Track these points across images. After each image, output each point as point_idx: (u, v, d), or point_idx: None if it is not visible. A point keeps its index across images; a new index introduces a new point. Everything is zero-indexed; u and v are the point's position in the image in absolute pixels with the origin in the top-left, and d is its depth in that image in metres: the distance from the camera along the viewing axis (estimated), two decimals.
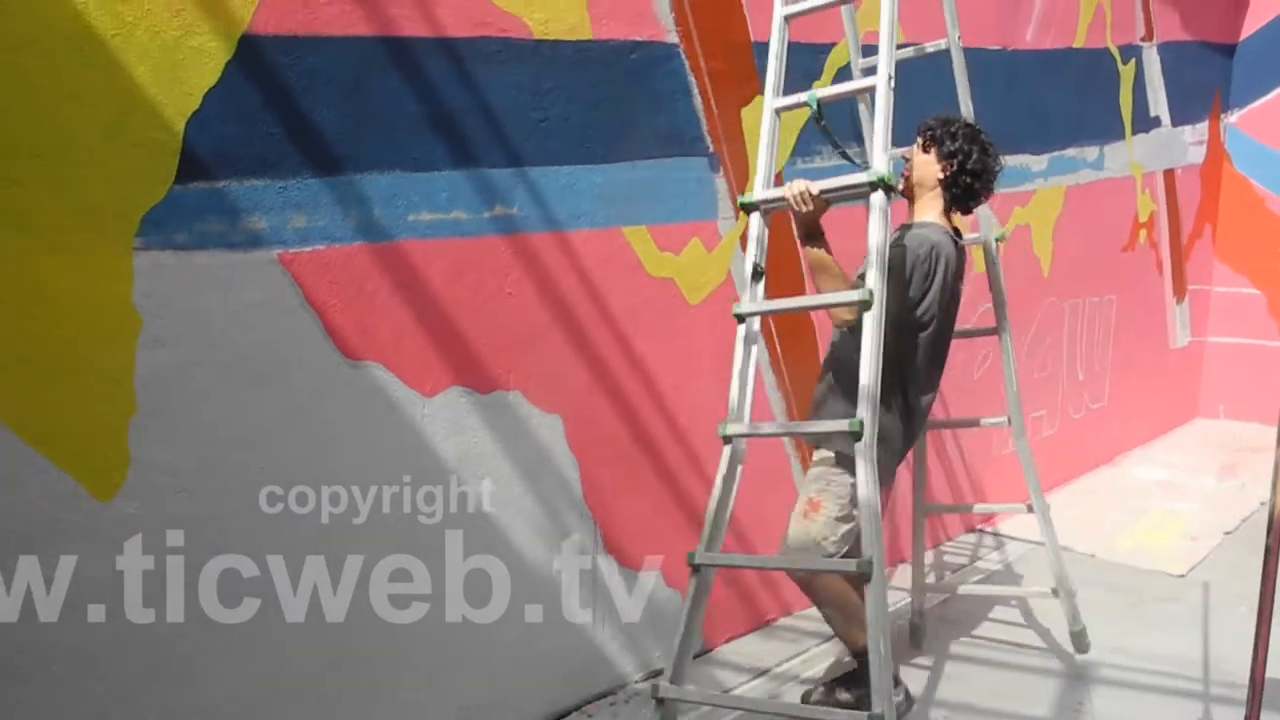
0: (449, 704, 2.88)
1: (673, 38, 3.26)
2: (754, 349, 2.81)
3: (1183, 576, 4.58)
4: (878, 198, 2.64)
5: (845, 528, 3.02)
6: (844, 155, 3.27)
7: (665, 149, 3.29)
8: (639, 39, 3.10)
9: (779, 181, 3.26)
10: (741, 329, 2.82)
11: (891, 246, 2.86)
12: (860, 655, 3.06)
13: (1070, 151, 5.75)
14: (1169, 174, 7.08)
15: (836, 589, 3.04)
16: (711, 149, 3.44)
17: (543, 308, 2.97)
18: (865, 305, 2.60)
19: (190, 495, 2.35)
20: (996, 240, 3.68)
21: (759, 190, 2.88)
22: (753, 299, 2.85)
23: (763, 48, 3.58)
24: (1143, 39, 6.47)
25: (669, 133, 3.30)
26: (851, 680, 3.18)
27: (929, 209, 3.15)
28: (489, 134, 2.77)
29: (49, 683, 2.20)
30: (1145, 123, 6.63)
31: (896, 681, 3.16)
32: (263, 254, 2.40)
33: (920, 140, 3.22)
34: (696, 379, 3.46)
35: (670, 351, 3.38)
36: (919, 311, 2.98)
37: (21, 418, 2.13)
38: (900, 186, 3.20)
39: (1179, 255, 7.36)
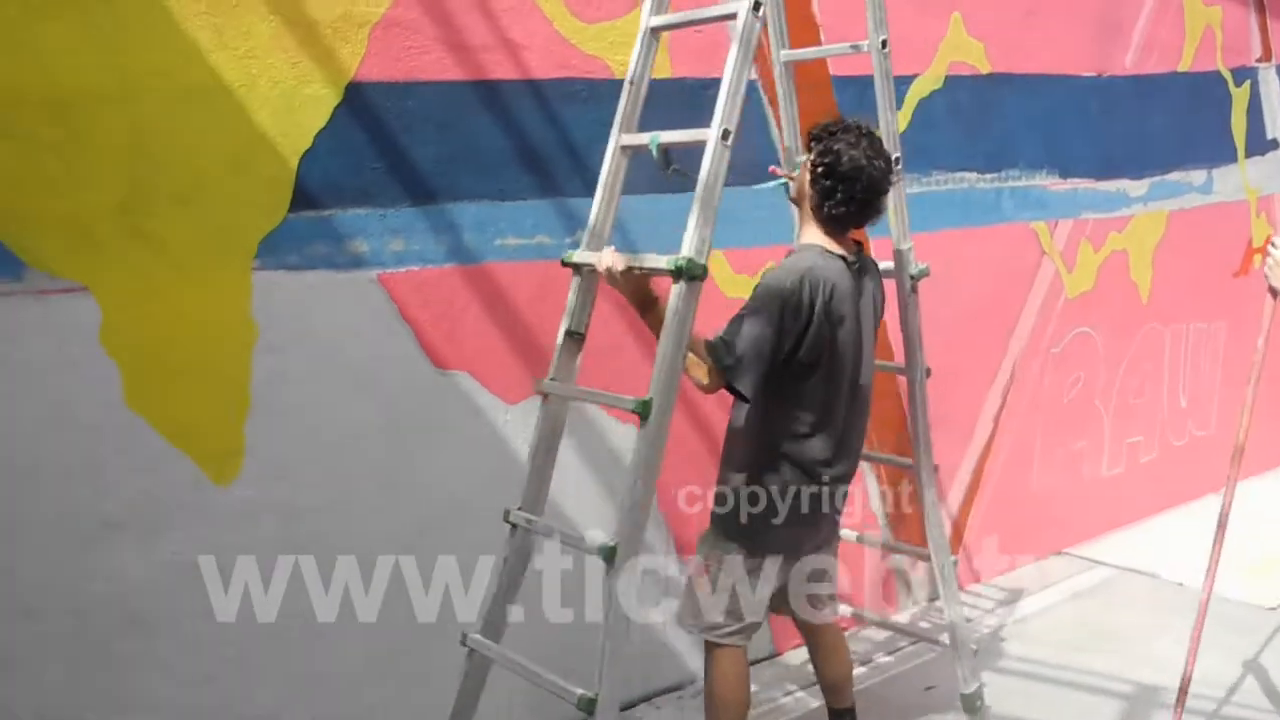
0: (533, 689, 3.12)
1: (751, 73, 3.47)
2: (558, 432, 2.53)
3: (1273, 610, 4.52)
4: (677, 290, 2.25)
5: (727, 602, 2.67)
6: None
7: (743, 177, 3.48)
8: (716, 76, 3.31)
9: None
10: (541, 409, 2.53)
11: (760, 279, 2.57)
12: None
13: (1174, 176, 5.71)
14: None
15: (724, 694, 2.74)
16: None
17: (619, 323, 3.20)
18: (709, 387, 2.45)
19: (295, 485, 2.67)
20: (914, 277, 3.07)
21: (585, 245, 2.54)
22: (561, 371, 2.51)
23: (842, 81, 3.77)
24: (1259, 60, 6.36)
25: (746, 162, 3.49)
26: None
27: (808, 228, 2.70)
28: (571, 166, 3.03)
29: (178, 638, 2.54)
30: (1261, 145, 6.50)
31: None
32: (364, 274, 2.71)
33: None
34: None
35: None
36: (800, 353, 2.52)
37: (159, 414, 2.48)
38: (791, 194, 2.85)
39: None
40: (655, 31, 2.56)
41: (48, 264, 2.31)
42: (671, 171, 2.48)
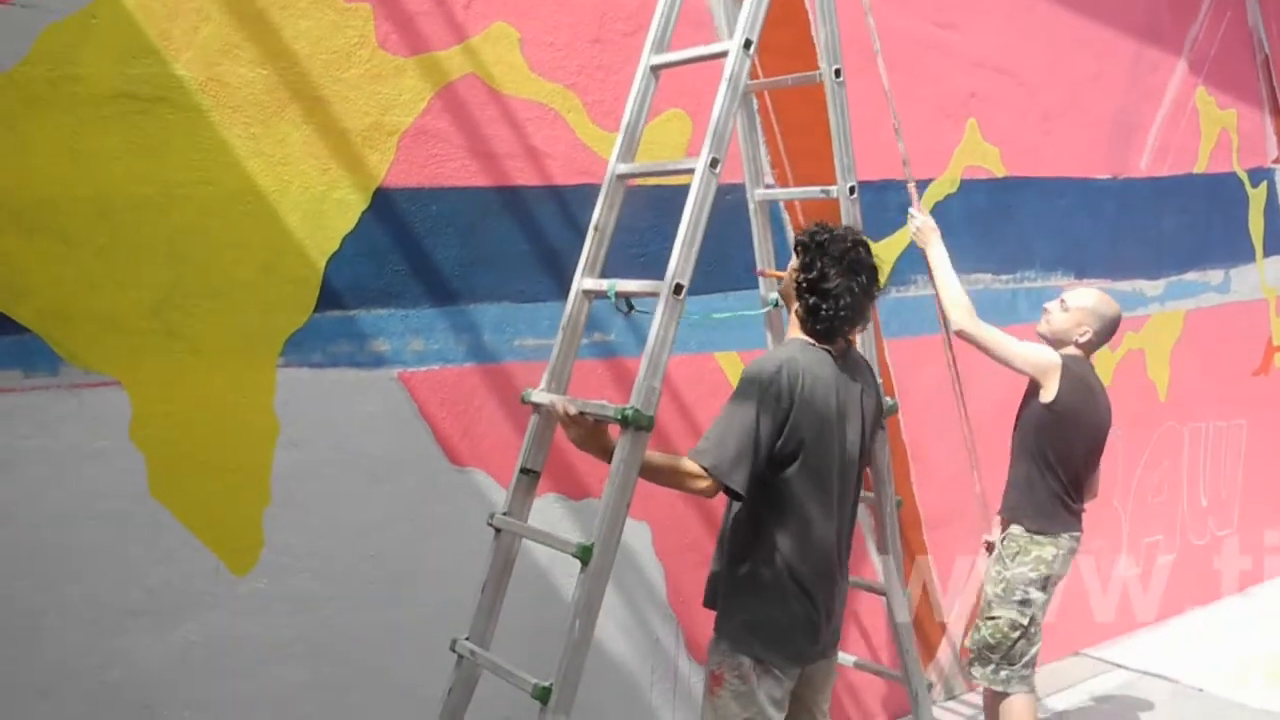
0: None
1: (769, 179, 3.57)
2: (509, 566, 2.51)
3: None
4: (624, 439, 2.25)
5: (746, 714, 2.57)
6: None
7: (757, 280, 3.57)
8: (735, 182, 3.42)
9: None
10: (493, 542, 2.50)
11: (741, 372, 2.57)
12: None
13: (1190, 275, 5.76)
14: None
15: None
16: None
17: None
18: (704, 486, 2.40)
19: (311, 575, 2.73)
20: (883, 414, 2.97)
21: (544, 385, 2.54)
22: (515, 506, 2.51)
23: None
24: (1275, 161, 6.44)
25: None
26: None
27: (793, 326, 2.69)
28: None
29: None
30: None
31: None
32: (385, 372, 2.80)
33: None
34: None
35: None
36: (780, 442, 2.47)
37: (182, 505, 2.56)
38: (779, 290, 2.88)
39: None
40: (655, 70, 2.61)
41: (83, 359, 2.41)
42: (631, 313, 2.53)
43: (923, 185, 4.14)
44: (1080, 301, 3.51)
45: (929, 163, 4.16)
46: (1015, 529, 3.50)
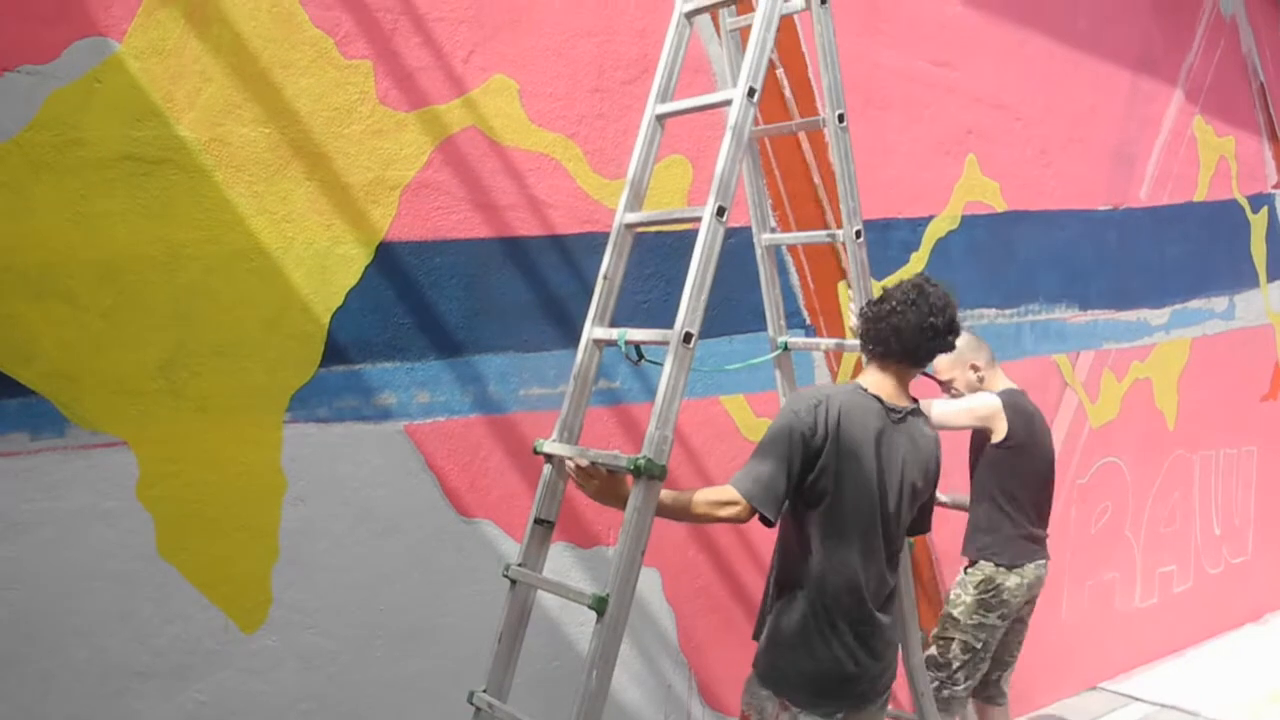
0: None
1: (774, 223, 3.58)
2: (525, 617, 2.48)
3: None
4: (638, 489, 2.25)
5: None
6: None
7: (763, 323, 3.57)
8: (737, 226, 3.44)
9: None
10: (509, 594, 2.47)
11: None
12: None
13: (1195, 303, 5.76)
14: None
15: None
16: (809, 321, 3.72)
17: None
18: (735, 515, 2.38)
19: (319, 631, 2.71)
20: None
21: (556, 435, 2.50)
22: (529, 557, 2.48)
23: None
24: (1275, 186, 6.46)
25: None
26: None
27: (858, 370, 2.64)
28: None
29: None
30: None
31: None
32: (391, 425, 2.79)
33: None
34: None
35: None
36: (811, 478, 2.45)
37: (191, 563, 2.55)
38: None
39: None
40: (660, 119, 2.62)
41: (91, 421, 2.41)
42: (642, 362, 2.51)
43: (924, 222, 4.15)
44: (952, 358, 3.46)
45: (930, 200, 4.17)
46: (984, 564, 3.56)
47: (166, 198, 2.47)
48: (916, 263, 4.08)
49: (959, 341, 3.28)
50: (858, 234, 2.94)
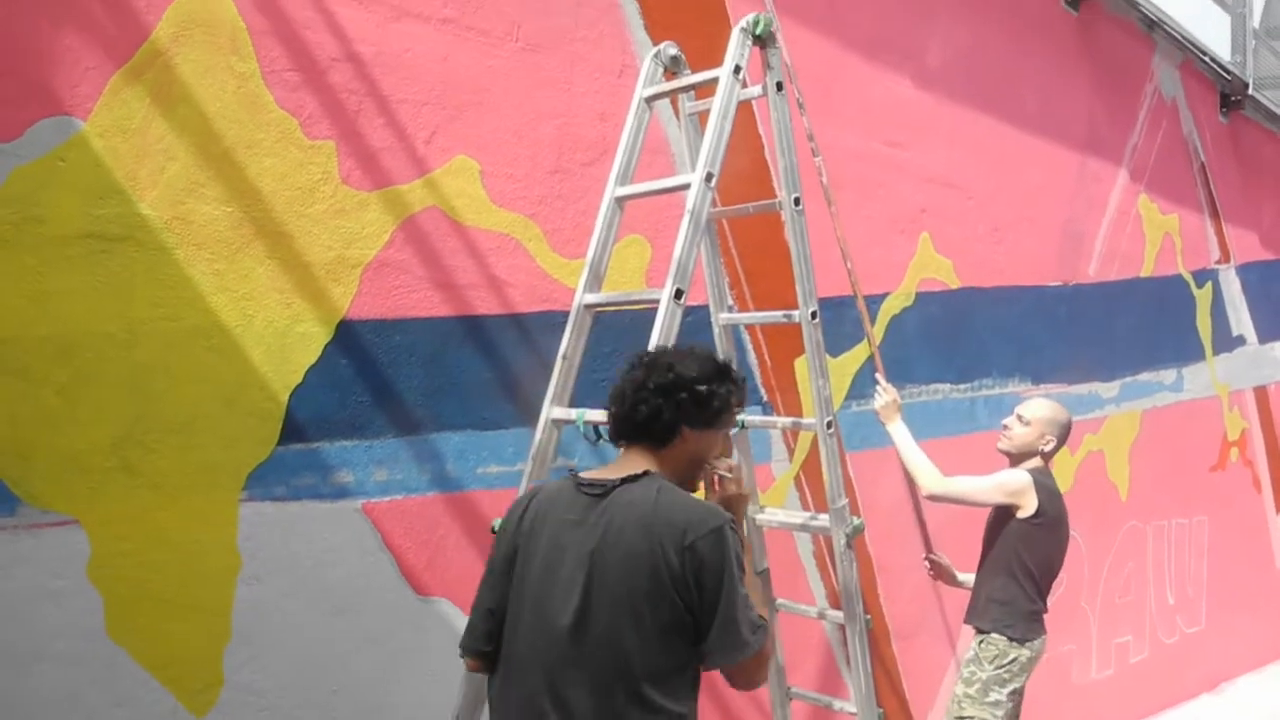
0: None
1: (729, 301, 3.64)
2: (481, 700, 2.32)
3: None
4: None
5: None
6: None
7: None
8: (695, 304, 3.48)
9: None
10: (464, 677, 2.44)
11: None
12: None
13: (1144, 376, 5.89)
14: (1260, 391, 7.10)
15: None
16: (765, 398, 3.76)
17: None
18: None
19: (272, 713, 2.67)
20: (848, 535, 3.03)
21: None
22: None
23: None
24: (1218, 262, 6.65)
25: None
26: None
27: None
28: None
29: None
30: (1228, 343, 6.74)
31: None
32: (348, 504, 2.79)
33: None
34: None
35: None
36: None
37: (139, 646, 2.51)
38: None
39: None
40: (620, 201, 2.67)
41: (42, 499, 2.38)
42: (599, 442, 2.43)
43: (878, 300, 4.23)
44: (1038, 413, 3.62)
45: (884, 277, 4.26)
46: (996, 637, 3.54)
47: (126, 275, 2.47)
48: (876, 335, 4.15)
49: (1048, 407, 3.56)
50: (813, 315, 2.99)
